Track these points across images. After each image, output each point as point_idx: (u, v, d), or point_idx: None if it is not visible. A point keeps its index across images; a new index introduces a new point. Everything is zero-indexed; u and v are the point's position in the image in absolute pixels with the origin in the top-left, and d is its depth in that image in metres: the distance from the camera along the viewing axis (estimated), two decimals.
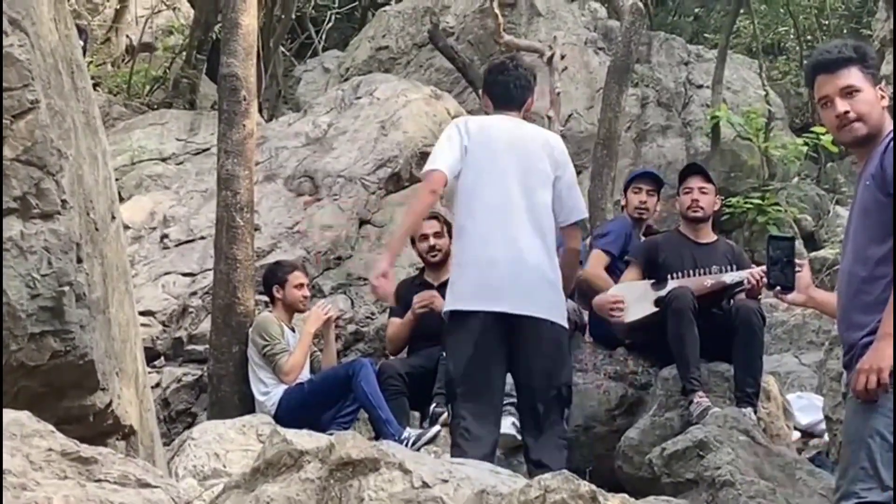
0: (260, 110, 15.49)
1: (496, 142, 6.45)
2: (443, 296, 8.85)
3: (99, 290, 5.38)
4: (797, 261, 5.24)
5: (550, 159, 6.49)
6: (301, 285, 9.19)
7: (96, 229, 5.49)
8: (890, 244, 4.49)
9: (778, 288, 5.24)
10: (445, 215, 9.26)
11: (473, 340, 6.22)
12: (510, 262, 6.24)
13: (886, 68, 6.59)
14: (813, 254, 14.17)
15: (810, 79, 4.90)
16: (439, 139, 6.64)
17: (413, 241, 9.13)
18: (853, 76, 4.71)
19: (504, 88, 6.68)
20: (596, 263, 8.72)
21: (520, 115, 6.68)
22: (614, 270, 8.75)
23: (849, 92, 4.70)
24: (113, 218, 6.08)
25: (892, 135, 4.58)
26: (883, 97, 4.72)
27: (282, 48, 20.08)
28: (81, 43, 7.84)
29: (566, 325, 6.44)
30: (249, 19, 9.34)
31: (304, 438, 5.03)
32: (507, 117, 6.61)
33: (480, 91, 6.96)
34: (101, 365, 5.28)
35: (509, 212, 6.32)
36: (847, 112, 4.67)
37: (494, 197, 6.35)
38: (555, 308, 6.31)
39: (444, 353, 6.77)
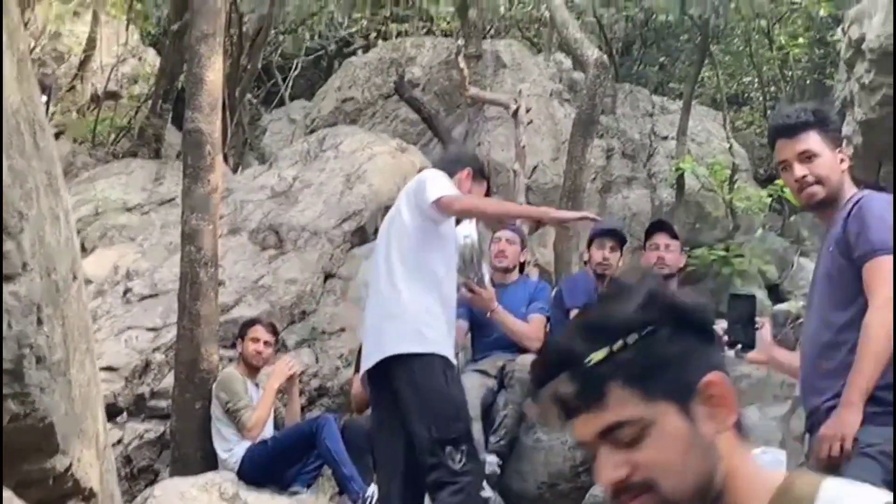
0: (226, 159, 15.47)
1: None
2: None
3: (59, 352, 5.32)
4: (758, 318, 5.24)
5: (406, 195, 6.58)
6: (256, 339, 9.13)
7: (57, 290, 5.44)
8: (853, 310, 4.50)
9: (738, 346, 5.22)
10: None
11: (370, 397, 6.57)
12: (365, 328, 6.48)
13: (847, 128, 6.63)
14: (777, 306, 14.22)
15: (771, 142, 4.93)
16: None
17: None
18: (811, 140, 4.74)
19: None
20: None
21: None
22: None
23: (807, 156, 4.74)
24: (74, 278, 6.02)
25: (855, 199, 4.60)
26: (843, 160, 4.74)
27: (248, 96, 20.05)
28: (45, 98, 7.82)
29: (433, 353, 6.30)
30: (214, 74, 9.33)
31: (265, 500, 5.03)
32: None
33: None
34: (61, 427, 5.22)
35: (372, 282, 6.55)
36: (805, 176, 4.71)
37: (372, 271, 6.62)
38: (397, 340, 6.27)
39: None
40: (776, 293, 15.99)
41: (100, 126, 18.02)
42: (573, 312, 8.79)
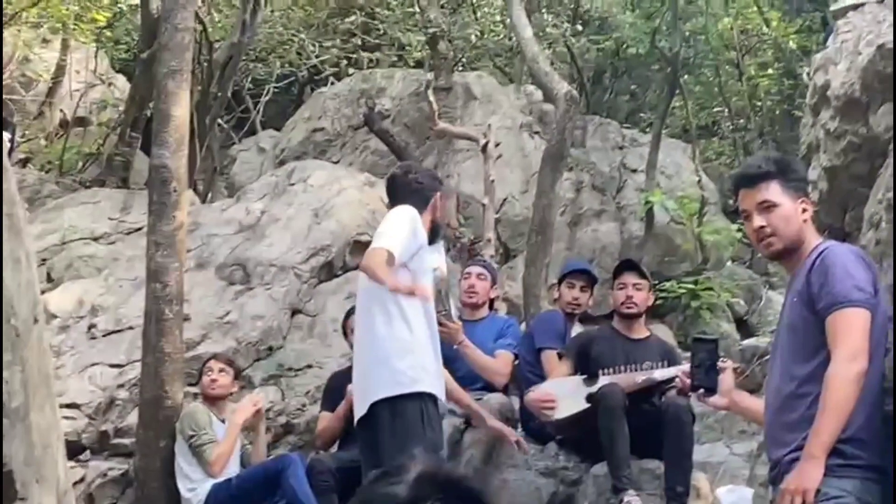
0: (195, 187, 15.41)
1: None
2: None
3: (19, 398, 5.27)
4: (720, 363, 5.22)
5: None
6: (209, 370, 9.10)
7: (17, 335, 5.39)
8: (816, 362, 4.51)
9: (701, 390, 5.23)
10: None
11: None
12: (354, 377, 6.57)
13: (813, 173, 6.66)
14: (745, 342, 14.26)
15: (735, 190, 4.97)
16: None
17: (345, 333, 9.18)
18: (771, 191, 4.77)
19: (396, 192, 7.08)
20: (554, 363, 8.76)
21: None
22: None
23: (766, 206, 4.78)
24: (35, 321, 5.97)
25: (819, 250, 4.61)
26: (805, 209, 4.76)
27: (218, 122, 20.00)
28: (9, 136, 7.78)
29: (403, 393, 6.46)
30: (181, 111, 9.28)
31: None
32: None
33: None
34: (20, 474, 5.17)
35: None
36: (763, 227, 4.75)
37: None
38: (378, 385, 6.44)
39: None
40: (745, 327, 16.05)
41: (67, 153, 17.92)
42: (544, 353, 8.81)
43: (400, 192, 6.99)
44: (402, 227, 6.59)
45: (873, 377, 4.55)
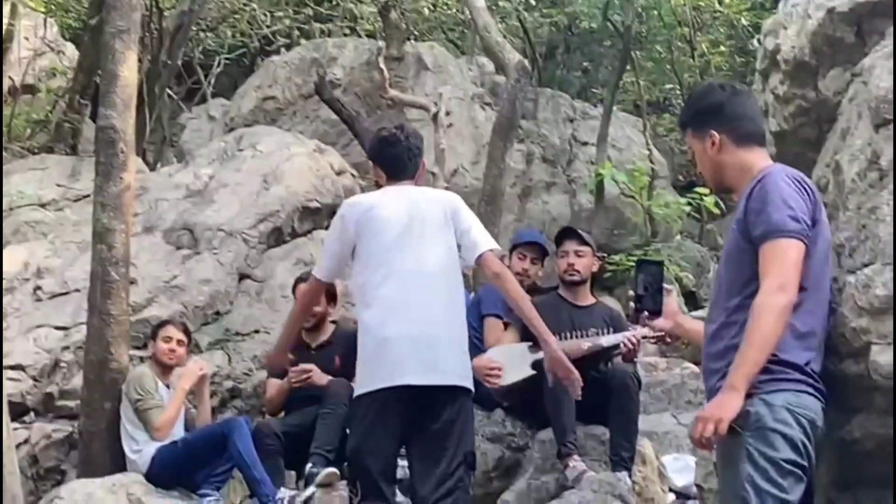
0: (144, 156, 15.33)
1: (388, 218, 6.34)
2: (320, 358, 8.89)
3: None
4: (665, 286, 5.18)
5: (444, 214, 6.40)
6: (169, 339, 9.05)
7: None
8: (748, 292, 4.45)
9: (645, 313, 5.19)
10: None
11: (378, 419, 6.13)
12: (402, 336, 6.13)
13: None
14: (693, 313, 14.28)
15: None
16: (328, 231, 6.61)
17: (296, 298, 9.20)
18: (689, 139, 4.92)
19: (396, 160, 6.59)
20: (496, 332, 8.72)
21: (413, 183, 6.61)
22: None
23: (692, 153, 4.93)
24: None
25: (760, 176, 4.54)
26: (714, 143, 4.72)
27: (169, 92, 19.89)
28: None
29: (471, 388, 6.34)
30: (129, 71, 9.22)
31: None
32: (399, 188, 6.53)
33: (371, 161, 6.85)
34: None
35: (403, 286, 6.21)
36: (701, 172, 4.83)
37: (388, 276, 6.24)
38: (454, 371, 6.23)
39: (349, 432, 6.60)
40: (693, 300, 16.12)
41: (16, 120, 17.78)
42: (487, 320, 8.79)
43: (406, 158, 6.68)
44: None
45: (819, 306, 4.52)
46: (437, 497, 6.10)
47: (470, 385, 6.31)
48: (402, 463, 7.68)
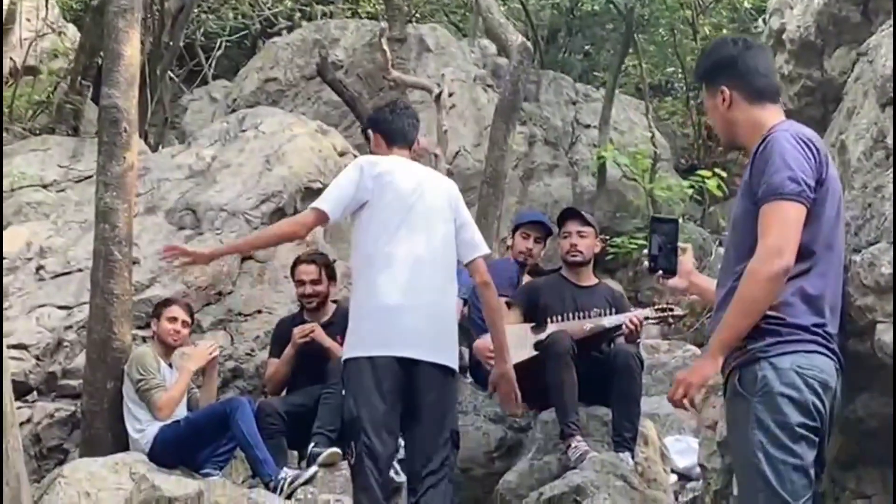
0: (146, 138, 15.32)
1: (401, 188, 6.35)
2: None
3: None
4: (680, 244, 5.13)
5: (449, 203, 6.48)
6: (174, 319, 9.05)
7: None
8: (752, 257, 4.38)
9: (660, 272, 5.14)
10: (325, 260, 9.33)
11: (377, 384, 6.12)
12: (414, 308, 6.18)
13: None
14: (694, 295, 14.29)
15: None
16: (339, 176, 6.55)
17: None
18: (704, 94, 4.85)
19: (399, 127, 6.62)
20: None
21: (411, 155, 6.65)
22: None
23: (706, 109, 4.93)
24: None
25: (767, 135, 4.45)
26: (724, 99, 4.64)
27: (170, 74, 19.88)
28: None
29: (458, 370, 6.43)
30: (132, 50, 9.22)
31: (173, 484, 4.96)
32: (404, 160, 6.56)
33: (369, 130, 6.82)
34: None
35: (414, 260, 6.25)
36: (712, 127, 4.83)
37: (398, 245, 6.26)
38: (452, 353, 6.31)
39: (345, 395, 6.56)
40: None
41: (17, 101, 17.76)
42: None
43: (408, 125, 6.71)
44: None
45: (830, 268, 4.45)
46: (427, 473, 6.17)
47: (456, 366, 6.39)
48: (403, 443, 7.71)
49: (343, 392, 6.29)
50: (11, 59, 18.97)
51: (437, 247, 6.34)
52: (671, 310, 8.60)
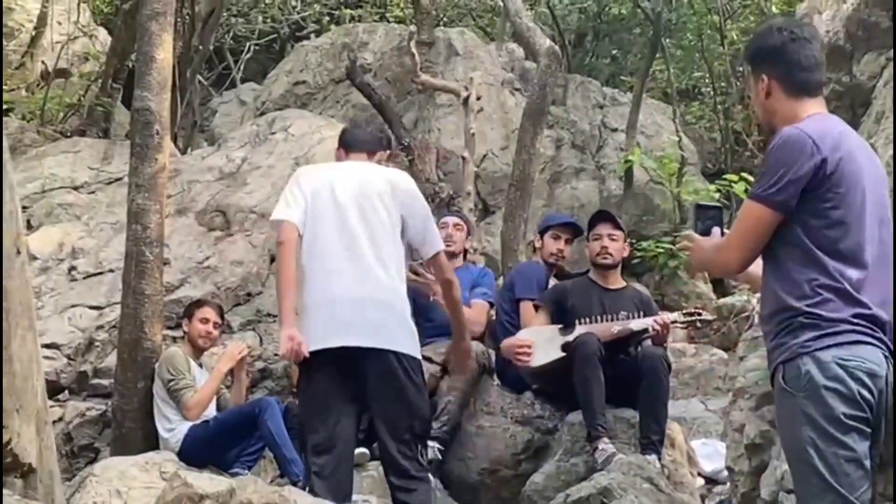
0: (175, 140, 15.40)
1: (334, 188, 6.44)
2: None
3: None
4: (725, 231, 4.98)
5: (394, 196, 6.48)
6: (206, 320, 9.13)
7: None
8: (767, 254, 4.52)
9: None
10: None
11: (321, 379, 6.21)
12: (353, 298, 6.21)
13: None
14: (722, 300, 14.30)
15: None
16: (282, 194, 6.62)
17: None
18: (748, 81, 4.81)
19: (352, 136, 6.89)
20: (529, 315, 8.75)
21: (370, 160, 6.74)
22: None
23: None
24: (18, 252, 5.99)
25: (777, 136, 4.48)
26: (763, 88, 4.59)
27: (199, 78, 19.97)
28: None
29: (417, 357, 6.35)
30: (164, 53, 9.30)
31: (205, 481, 5.00)
32: (353, 162, 6.71)
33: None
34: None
35: (348, 250, 6.29)
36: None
37: (331, 239, 6.32)
38: (404, 339, 6.28)
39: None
40: (721, 286, 16.09)
41: (49, 104, 17.87)
42: (523, 303, 8.83)
43: (364, 133, 6.99)
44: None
45: (873, 256, 4.43)
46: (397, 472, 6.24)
47: (415, 353, 6.34)
48: (432, 444, 7.75)
49: None
50: (43, 62, 19.13)
51: (373, 235, 6.36)
52: (699, 314, 8.62)
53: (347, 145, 6.84)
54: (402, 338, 6.28)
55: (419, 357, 6.39)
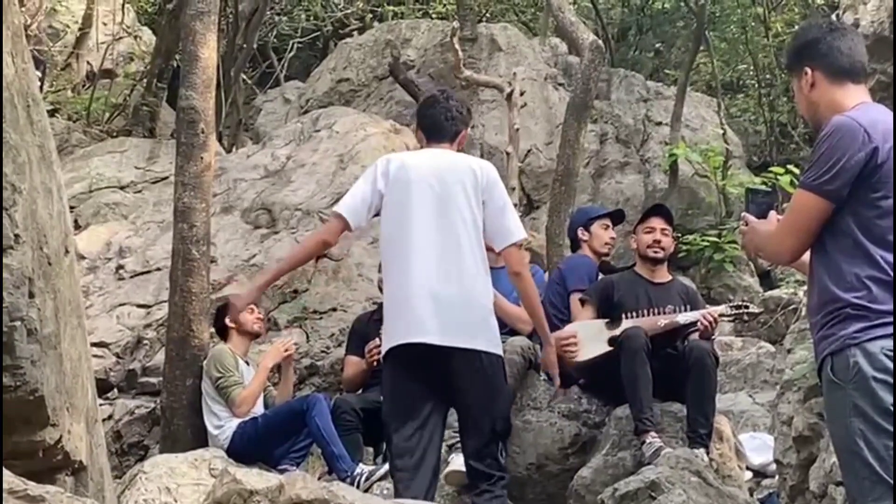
0: (220, 139, 15.49)
1: (413, 179, 6.28)
2: None
3: (51, 326, 5.33)
4: (778, 217, 4.88)
5: (475, 185, 6.32)
6: (252, 309, 9.13)
7: (49, 264, 5.45)
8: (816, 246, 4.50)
9: None
10: None
11: (403, 376, 6.13)
12: (434, 295, 6.11)
13: None
14: (768, 293, 14.23)
15: None
16: (358, 179, 6.56)
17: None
18: (793, 78, 4.74)
19: (433, 121, 6.56)
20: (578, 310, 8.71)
21: (452, 148, 6.55)
22: None
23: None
24: (66, 252, 6.04)
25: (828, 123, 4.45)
26: (807, 81, 4.57)
27: (243, 76, 20.07)
28: (39, 74, 7.80)
29: (500, 354, 6.29)
30: (209, 52, 9.34)
31: (254, 478, 5.02)
32: (435, 150, 6.49)
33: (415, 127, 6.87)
34: (51, 400, 5.23)
35: (430, 247, 6.18)
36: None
37: (413, 235, 6.19)
38: (486, 338, 6.19)
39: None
40: (767, 280, 16.03)
41: (95, 104, 18.01)
42: (574, 296, 8.78)
43: (444, 118, 6.57)
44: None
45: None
46: (476, 473, 6.20)
47: (497, 351, 6.25)
48: None
49: None
50: (88, 62, 19.27)
51: (454, 231, 6.23)
52: (746, 307, 8.57)
53: (427, 132, 6.60)
54: (484, 335, 6.20)
55: (501, 354, 6.32)
